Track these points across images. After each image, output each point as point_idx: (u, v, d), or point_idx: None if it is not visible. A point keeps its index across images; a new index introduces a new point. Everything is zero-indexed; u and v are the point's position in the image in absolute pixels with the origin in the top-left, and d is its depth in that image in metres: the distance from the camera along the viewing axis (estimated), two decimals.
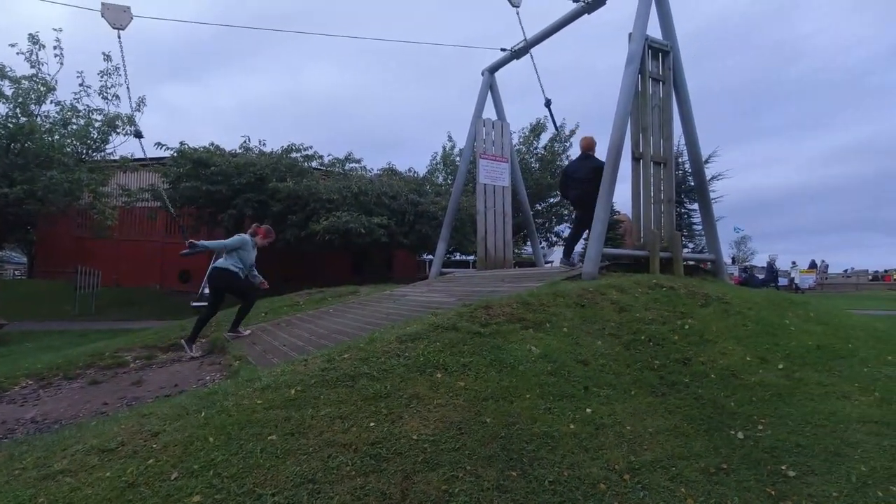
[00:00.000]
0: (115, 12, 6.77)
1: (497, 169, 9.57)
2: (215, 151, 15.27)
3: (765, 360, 3.81)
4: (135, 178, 17.67)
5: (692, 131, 7.22)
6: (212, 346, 5.92)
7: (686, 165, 18.08)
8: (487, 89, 10.09)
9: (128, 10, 6.83)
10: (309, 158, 16.74)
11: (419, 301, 6.31)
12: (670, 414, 2.98)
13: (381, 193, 14.68)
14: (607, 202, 6.21)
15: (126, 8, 6.82)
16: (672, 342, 3.91)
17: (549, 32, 8.63)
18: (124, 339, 6.96)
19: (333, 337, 4.96)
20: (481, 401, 2.77)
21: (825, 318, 5.13)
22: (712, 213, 7.63)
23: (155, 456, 2.24)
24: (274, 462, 2.18)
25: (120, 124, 14.68)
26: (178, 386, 4.41)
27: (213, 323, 7.53)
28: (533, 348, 3.45)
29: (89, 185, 13.94)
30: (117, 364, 5.28)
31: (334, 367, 3.11)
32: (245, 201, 14.27)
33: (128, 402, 4.07)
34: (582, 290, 4.72)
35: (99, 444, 2.39)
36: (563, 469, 2.31)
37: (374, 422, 2.51)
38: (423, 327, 3.72)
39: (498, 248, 9.54)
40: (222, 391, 2.94)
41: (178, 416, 2.63)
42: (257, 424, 2.46)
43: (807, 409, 3.19)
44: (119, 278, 17.57)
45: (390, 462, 2.23)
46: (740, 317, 4.64)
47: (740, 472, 2.51)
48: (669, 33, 7.03)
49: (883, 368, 3.94)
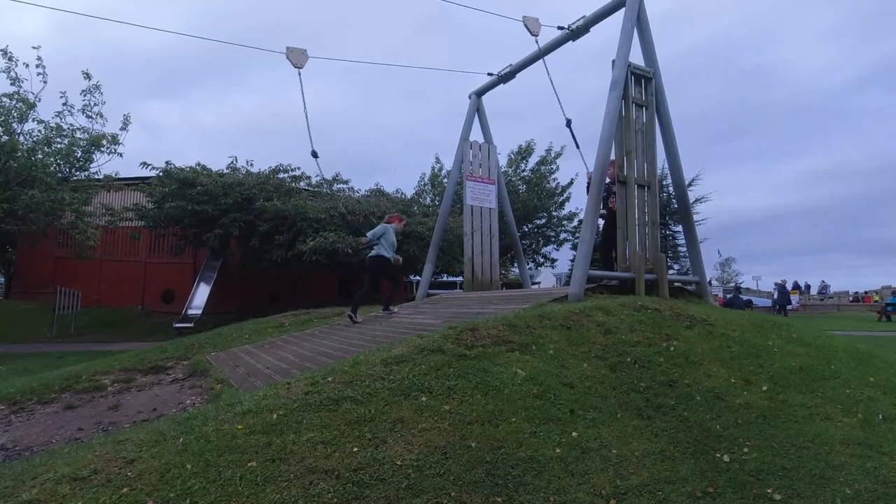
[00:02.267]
0: (296, 54, 7.84)
1: (484, 191, 9.64)
2: (202, 171, 15.20)
3: (749, 382, 3.83)
4: (119, 197, 17.48)
5: (675, 155, 7.36)
6: (193, 369, 5.80)
7: (670, 188, 18.37)
8: (474, 112, 10.22)
9: (305, 52, 7.91)
10: (296, 179, 16.74)
11: (405, 323, 6.27)
12: (656, 437, 2.97)
13: (368, 214, 14.68)
14: (592, 224, 6.27)
15: (304, 50, 7.92)
16: (658, 364, 3.91)
17: (535, 58, 8.81)
18: (103, 361, 6.79)
19: (318, 359, 4.89)
20: (467, 424, 2.73)
21: (808, 339, 5.19)
22: (696, 235, 7.74)
23: (129, 484, 2.17)
24: (253, 490, 2.12)
25: (105, 143, 14.55)
26: (157, 410, 4.30)
27: (195, 345, 7.41)
28: (519, 371, 3.43)
29: (72, 205, 13.74)
30: (94, 388, 5.14)
31: (318, 390, 3.06)
32: (231, 221, 14.16)
33: (104, 428, 3.95)
34: (568, 313, 4.72)
35: (71, 472, 2.31)
36: (549, 495, 2.28)
37: (357, 447, 2.46)
38: (408, 350, 3.68)
39: (485, 269, 9.55)
40: (202, 416, 2.87)
41: (155, 442, 2.56)
42: (237, 451, 2.40)
43: (791, 431, 3.20)
44: (100, 299, 17.24)
45: (373, 489, 2.18)
46: (725, 339, 4.68)
47: (726, 495, 2.50)
48: (651, 60, 7.21)
49: (865, 390, 3.98)
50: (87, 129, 14.26)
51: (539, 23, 7.76)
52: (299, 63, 7.83)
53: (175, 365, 6.26)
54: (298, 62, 7.83)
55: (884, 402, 3.80)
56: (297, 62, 7.83)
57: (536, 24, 7.77)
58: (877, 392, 3.99)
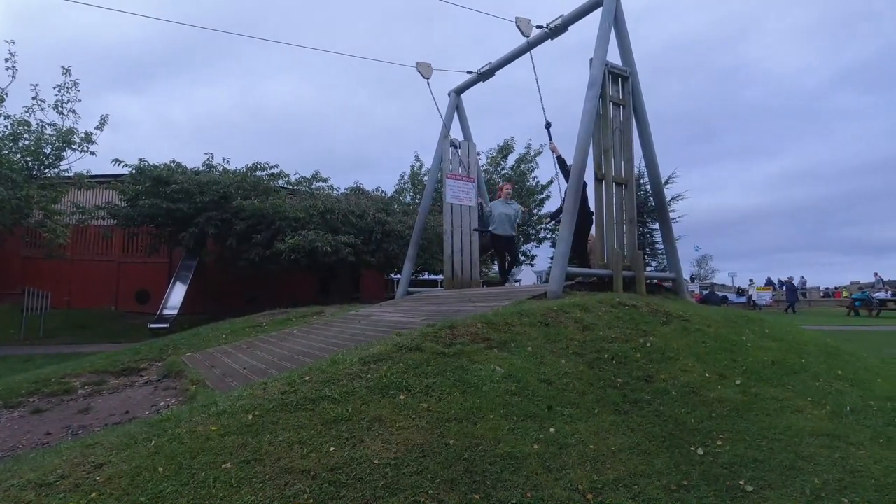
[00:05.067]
0: (424, 66, 8.92)
1: (464, 189, 9.64)
2: (176, 169, 14.92)
3: (723, 377, 3.90)
4: (90, 195, 17.03)
5: (651, 153, 7.45)
6: (168, 370, 5.68)
7: (647, 186, 18.62)
8: (454, 110, 10.20)
9: (430, 65, 8.96)
10: (275, 177, 16.53)
11: (385, 321, 6.23)
12: (633, 432, 3.00)
13: (348, 212, 14.58)
14: (570, 222, 6.32)
15: (429, 63, 8.96)
16: (634, 360, 3.96)
17: (514, 56, 8.83)
18: (73, 363, 6.61)
19: (296, 359, 4.83)
20: (444, 422, 2.73)
21: (779, 334, 5.31)
22: (672, 232, 7.85)
23: (98, 489, 2.11)
24: (227, 492, 2.09)
25: (77, 140, 14.13)
26: (130, 413, 4.20)
27: (170, 346, 7.27)
28: (497, 368, 3.44)
29: (40, 203, 13.34)
30: (64, 391, 5.00)
31: (294, 390, 3.03)
32: (207, 220, 13.93)
33: (73, 432, 3.84)
34: (546, 310, 4.75)
35: (36, 477, 2.23)
36: (526, 490, 2.29)
37: (334, 446, 2.43)
38: (386, 348, 3.66)
39: (465, 267, 9.56)
40: (175, 418, 2.81)
41: (126, 445, 2.49)
42: (211, 452, 2.35)
43: (763, 423, 3.27)
44: (71, 300, 16.79)
45: (350, 488, 2.16)
46: (700, 334, 4.76)
47: (700, 488, 2.54)
48: (628, 60, 7.29)
49: (833, 383, 4.10)
50: (56, 125, 13.84)
51: (531, 24, 7.75)
52: (426, 74, 8.89)
53: (149, 366, 6.13)
54: (426, 73, 8.89)
55: (851, 394, 3.91)
56: (426, 73, 8.88)
57: (529, 25, 7.75)
58: (844, 384, 4.11)
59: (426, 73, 8.91)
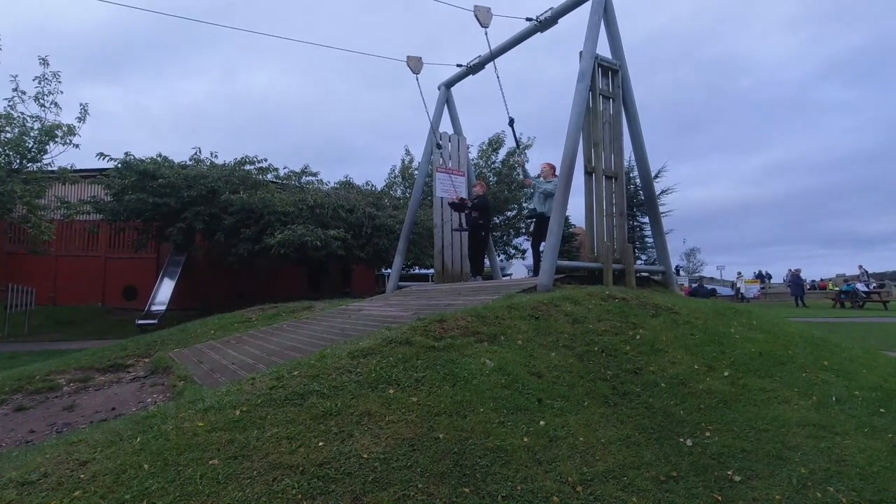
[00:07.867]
0: (414, 61, 8.63)
1: (454, 182, 9.61)
2: (163, 163, 14.70)
3: (712, 368, 3.93)
4: (75, 190, 16.75)
5: (641, 146, 7.47)
6: (155, 367, 5.62)
7: (637, 180, 18.69)
8: (444, 104, 10.16)
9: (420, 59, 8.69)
10: (263, 171, 16.36)
11: (374, 315, 6.21)
12: (622, 424, 3.01)
13: (337, 206, 14.49)
14: (561, 215, 6.32)
15: (419, 58, 8.68)
16: (624, 352, 3.98)
17: (504, 49, 8.79)
18: (58, 360, 6.52)
19: (285, 354, 4.80)
20: (434, 416, 2.71)
21: (767, 326, 5.36)
22: (662, 225, 7.89)
23: (82, 487, 2.07)
24: (214, 488, 2.06)
25: (60, 134, 13.87)
26: (116, 410, 4.15)
27: (158, 342, 7.19)
28: (487, 361, 3.43)
29: (23, 198, 13.09)
30: (48, 388, 4.93)
31: (283, 385, 3.00)
32: (195, 214, 13.77)
33: (58, 430, 3.79)
34: (536, 303, 4.75)
35: (18, 476, 2.19)
36: (516, 483, 2.28)
37: (322, 441, 2.41)
38: (376, 342, 3.64)
39: (455, 261, 9.55)
40: (162, 414, 2.77)
41: (111, 442, 2.46)
42: (198, 448, 2.32)
43: (751, 414, 3.29)
44: (56, 296, 16.56)
45: (339, 483, 2.14)
46: (689, 326, 4.78)
47: (689, 479, 2.55)
48: (618, 53, 7.29)
49: (819, 373, 4.14)
50: (39, 118, 13.57)
51: (490, 13, 7.62)
52: (417, 70, 8.67)
53: (136, 363, 6.06)
54: (417, 69, 8.67)
55: (837, 385, 3.96)
56: (416, 69, 8.66)
57: (487, 14, 7.63)
58: (830, 375, 4.15)
59: (416, 69, 8.72)
